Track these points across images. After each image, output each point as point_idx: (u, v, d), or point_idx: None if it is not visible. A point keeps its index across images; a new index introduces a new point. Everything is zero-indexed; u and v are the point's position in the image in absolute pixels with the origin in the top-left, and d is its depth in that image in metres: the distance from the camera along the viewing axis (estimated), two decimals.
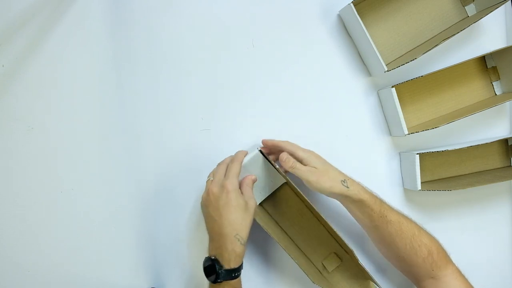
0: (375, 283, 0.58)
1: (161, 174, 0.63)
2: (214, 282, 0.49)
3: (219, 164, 0.57)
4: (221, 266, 0.49)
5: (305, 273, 0.56)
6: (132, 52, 0.62)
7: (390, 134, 0.69)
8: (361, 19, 0.60)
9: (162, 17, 0.63)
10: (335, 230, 0.56)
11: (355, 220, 0.60)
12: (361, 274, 0.60)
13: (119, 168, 0.62)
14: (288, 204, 0.64)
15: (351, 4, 0.60)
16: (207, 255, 0.52)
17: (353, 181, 0.56)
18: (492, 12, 0.62)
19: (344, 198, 0.55)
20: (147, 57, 0.62)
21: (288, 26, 0.66)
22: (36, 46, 0.59)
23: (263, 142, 0.62)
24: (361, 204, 0.54)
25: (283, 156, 0.57)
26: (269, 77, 0.66)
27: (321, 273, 0.62)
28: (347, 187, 0.54)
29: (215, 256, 0.50)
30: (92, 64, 0.61)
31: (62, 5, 0.60)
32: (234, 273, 0.49)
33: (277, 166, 0.55)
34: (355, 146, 0.68)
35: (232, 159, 0.56)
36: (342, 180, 0.54)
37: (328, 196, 0.56)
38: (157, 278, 0.63)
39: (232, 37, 0.64)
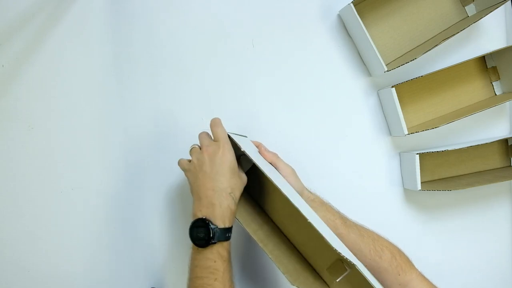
0: None
1: (161, 175, 0.63)
2: (206, 245, 0.45)
3: (200, 133, 0.53)
4: (215, 225, 0.45)
5: (281, 272, 0.49)
6: (132, 52, 0.62)
7: (390, 134, 0.69)
8: (361, 19, 0.60)
9: (162, 17, 0.63)
10: (317, 229, 0.45)
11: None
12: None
13: (119, 168, 0.62)
14: (277, 202, 0.58)
15: (351, 4, 0.60)
16: (192, 219, 0.47)
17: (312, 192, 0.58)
18: (492, 12, 0.62)
19: (311, 202, 0.56)
20: (147, 57, 0.62)
21: (288, 26, 0.66)
22: (36, 46, 0.59)
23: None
24: (325, 208, 0.55)
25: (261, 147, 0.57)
26: (269, 77, 0.66)
27: (328, 285, 0.54)
28: (310, 192, 0.57)
29: (205, 216, 0.46)
30: (92, 64, 0.61)
31: (62, 5, 0.60)
32: (228, 233, 0.47)
33: (238, 143, 0.50)
34: (355, 146, 0.68)
35: (211, 124, 0.52)
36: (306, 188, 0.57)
37: None
38: (157, 278, 0.63)
39: (232, 37, 0.64)
